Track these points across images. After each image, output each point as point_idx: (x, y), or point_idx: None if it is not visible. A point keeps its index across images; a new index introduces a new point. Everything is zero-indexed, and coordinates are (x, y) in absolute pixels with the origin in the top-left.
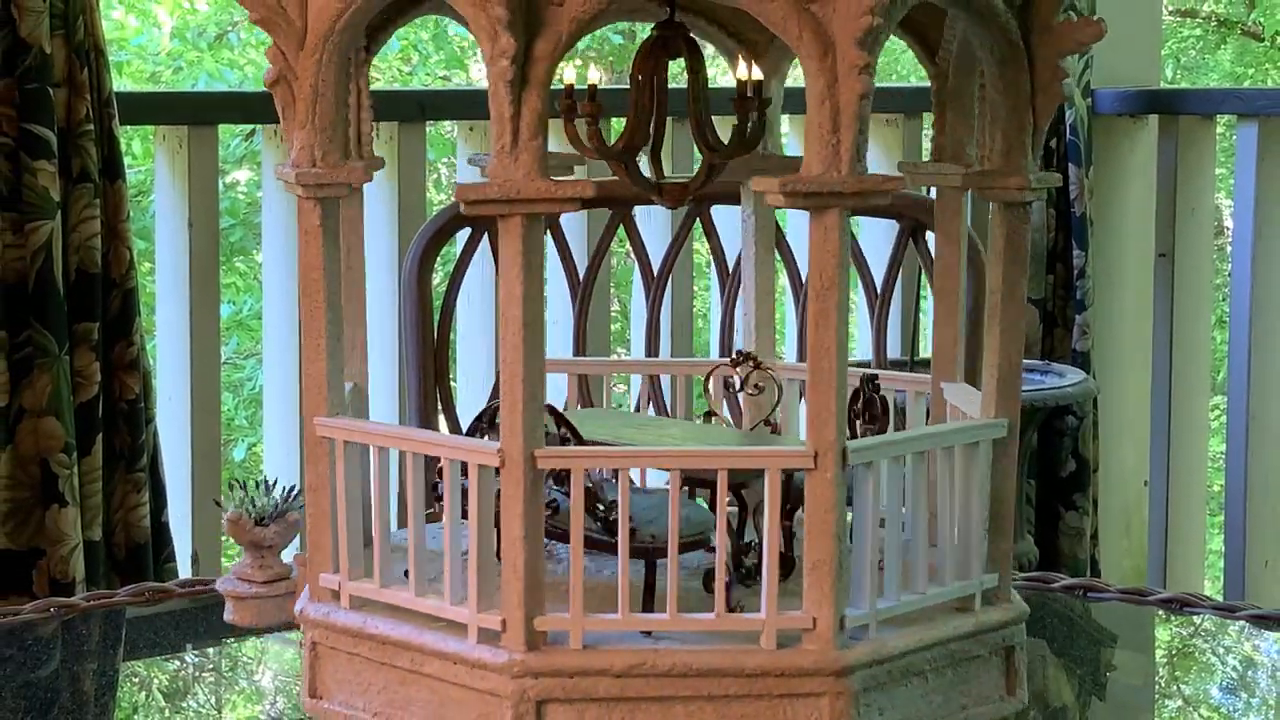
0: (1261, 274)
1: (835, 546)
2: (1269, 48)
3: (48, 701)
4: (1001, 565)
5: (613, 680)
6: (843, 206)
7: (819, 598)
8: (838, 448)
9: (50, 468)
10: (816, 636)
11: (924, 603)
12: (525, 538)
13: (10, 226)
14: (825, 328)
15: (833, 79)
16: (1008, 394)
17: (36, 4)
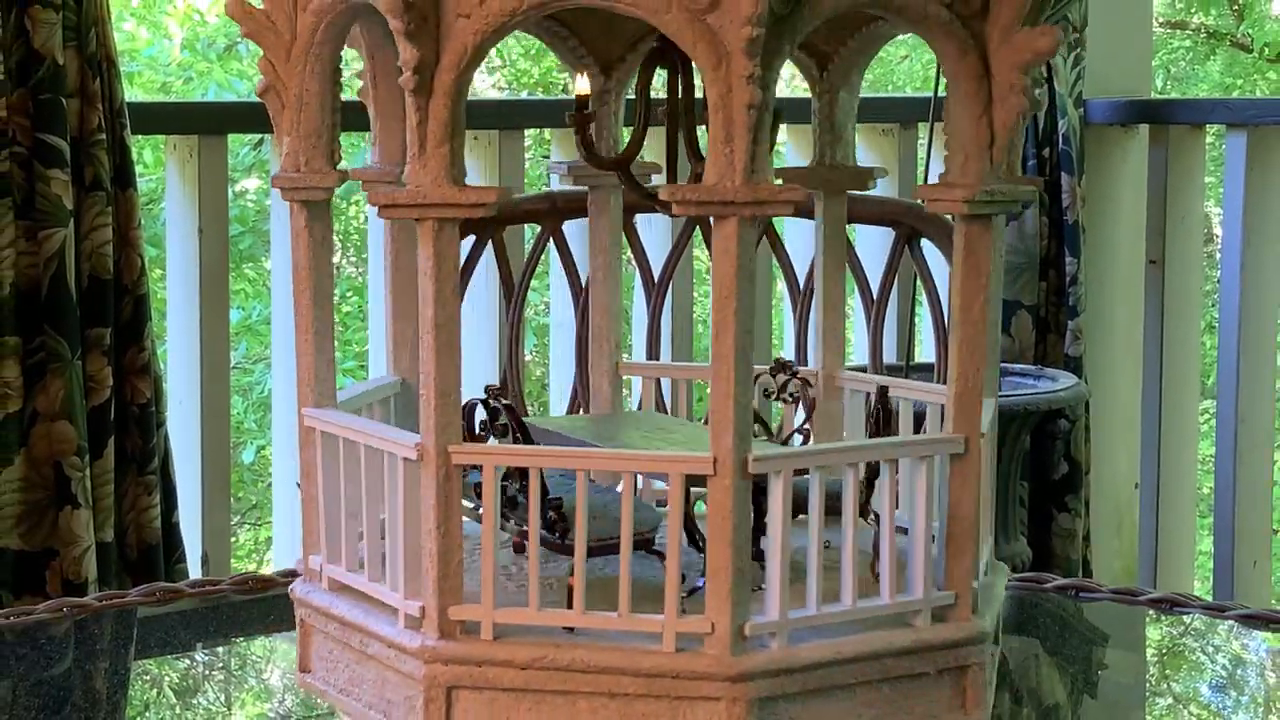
0: (1250, 280)
1: (733, 554)
2: (1257, 59)
3: (61, 699)
4: (960, 583)
5: (518, 671)
6: (739, 215)
7: (718, 604)
8: (736, 456)
9: (63, 470)
10: (715, 641)
11: (852, 615)
12: (438, 528)
13: (24, 234)
14: (724, 336)
15: (725, 89)
16: (966, 410)
17: (50, 16)
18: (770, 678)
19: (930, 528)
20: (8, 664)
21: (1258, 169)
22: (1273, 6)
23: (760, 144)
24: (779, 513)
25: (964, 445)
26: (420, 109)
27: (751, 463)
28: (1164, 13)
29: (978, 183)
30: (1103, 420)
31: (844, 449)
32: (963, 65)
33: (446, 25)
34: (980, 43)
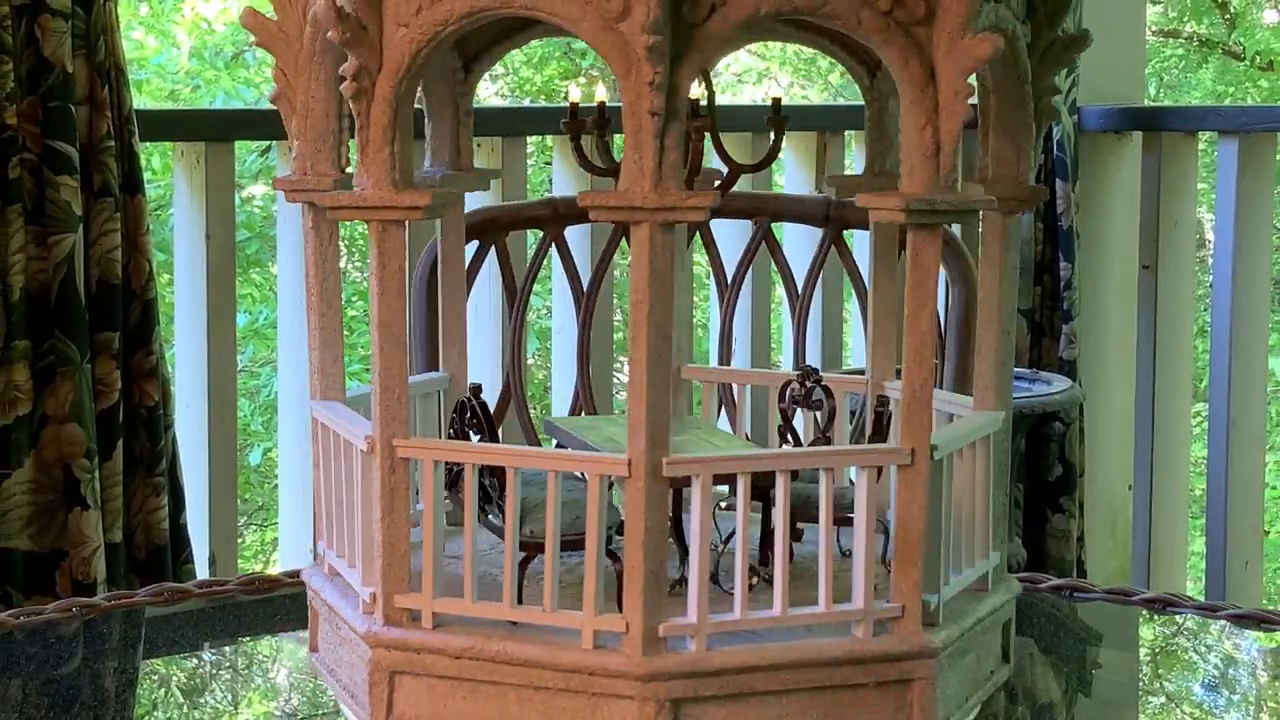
0: (1241, 285)
1: (645, 555)
2: (1248, 67)
3: (70, 698)
4: (907, 595)
5: (452, 660)
6: (650, 221)
7: (631, 604)
8: (649, 460)
9: (73, 472)
10: (630, 641)
11: (783, 623)
12: (384, 518)
13: (34, 239)
14: (639, 340)
15: (635, 96)
16: (914, 421)
17: (59, 25)
18: (684, 679)
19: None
20: (18, 663)
21: (1249, 175)
22: (1264, 16)
23: (669, 150)
24: (698, 516)
25: (910, 457)
26: (361, 115)
27: (666, 466)
28: (1156, 21)
29: (922, 191)
30: (1097, 423)
31: (773, 455)
32: (905, 72)
33: (388, 35)
34: (925, 50)
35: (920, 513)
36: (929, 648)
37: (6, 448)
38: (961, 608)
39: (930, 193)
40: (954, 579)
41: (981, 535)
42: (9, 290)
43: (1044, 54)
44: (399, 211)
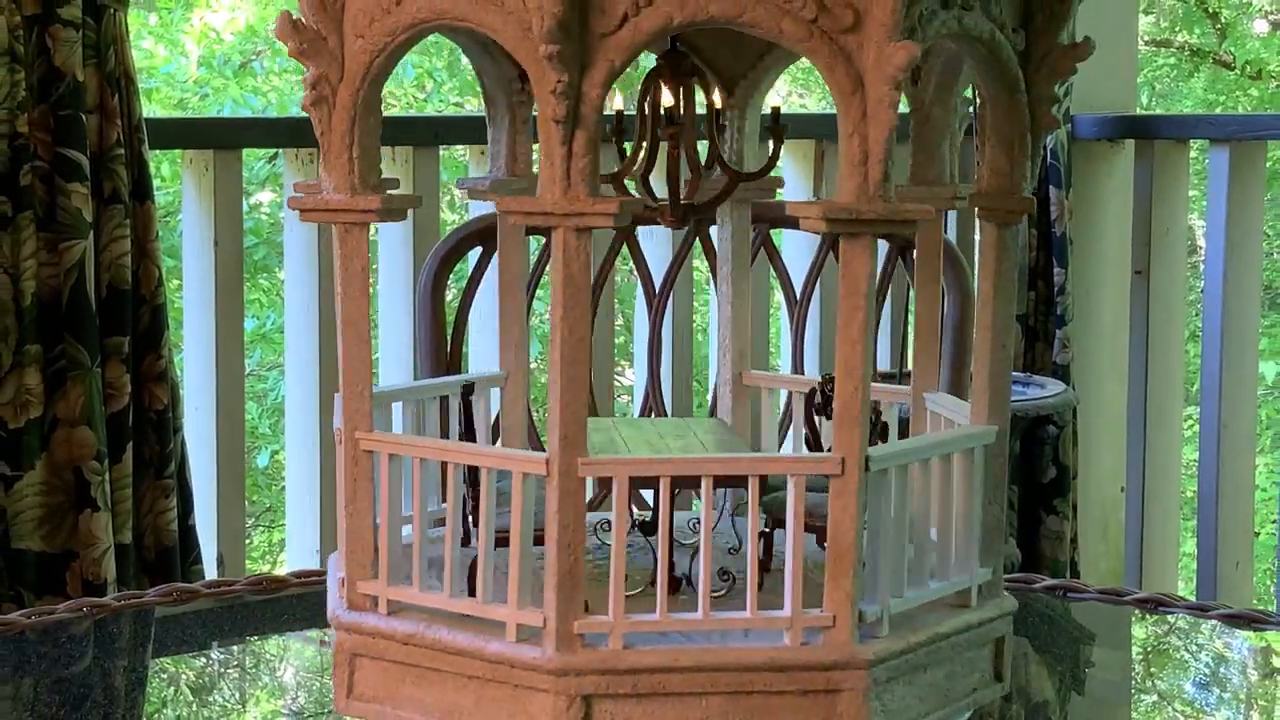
0: (1232, 291)
1: (559, 553)
2: (1239, 76)
3: (81, 697)
4: (838, 605)
5: (400, 646)
6: (562, 226)
7: (549, 600)
8: (563, 460)
9: (83, 474)
10: (547, 636)
11: (702, 626)
12: (348, 507)
13: (45, 245)
14: (555, 343)
15: (543, 104)
16: (846, 431)
17: (70, 35)
18: (598, 676)
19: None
20: (30, 662)
21: (1239, 183)
22: (1254, 26)
23: (578, 157)
24: (619, 517)
25: (840, 466)
26: (322, 122)
27: (581, 466)
28: (1149, 31)
29: (850, 200)
30: (1090, 426)
31: (696, 460)
32: (832, 80)
33: (347, 46)
34: (852, 58)
35: (851, 523)
36: (858, 659)
37: (18, 450)
38: (923, 621)
39: (856, 202)
40: (913, 592)
41: (962, 548)
42: (21, 295)
43: (1041, 63)
44: (354, 214)
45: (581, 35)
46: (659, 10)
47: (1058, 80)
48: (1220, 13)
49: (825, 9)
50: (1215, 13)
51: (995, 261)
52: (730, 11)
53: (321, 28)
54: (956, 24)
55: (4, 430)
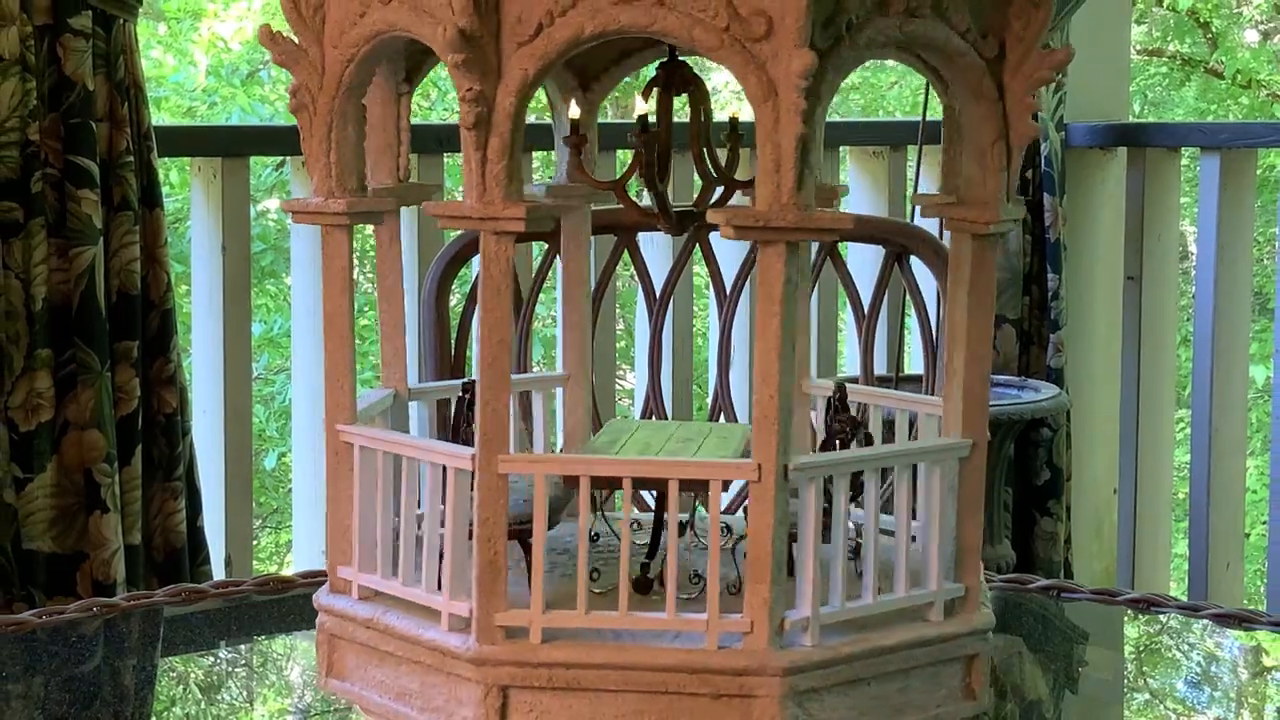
0: (1223, 296)
1: (481, 548)
2: (1230, 85)
3: (91, 695)
4: (756, 610)
5: (364, 629)
6: (482, 231)
7: (474, 592)
8: (484, 457)
9: (93, 477)
10: (475, 626)
11: (622, 624)
12: (329, 494)
13: (56, 251)
14: (481, 346)
15: (461, 111)
16: (764, 439)
17: (80, 44)
18: (515, 667)
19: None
20: (41, 661)
21: (1230, 190)
22: (1244, 36)
23: (491, 162)
24: (539, 512)
25: (758, 473)
26: (304, 128)
27: (500, 463)
28: (1141, 41)
29: (763, 208)
30: (1083, 429)
31: (613, 461)
32: (747, 88)
33: (326, 56)
34: (765, 66)
35: (768, 529)
36: (772, 665)
37: (30, 453)
38: (869, 632)
39: (769, 210)
40: (854, 603)
41: (925, 562)
42: (32, 300)
43: (1018, 70)
44: (328, 216)
45: (496, 45)
46: (571, 21)
47: (1035, 88)
48: (1211, 23)
49: (738, 17)
50: (1206, 23)
51: (970, 273)
52: (641, 21)
53: (302, 39)
54: (898, 31)
55: (15, 433)
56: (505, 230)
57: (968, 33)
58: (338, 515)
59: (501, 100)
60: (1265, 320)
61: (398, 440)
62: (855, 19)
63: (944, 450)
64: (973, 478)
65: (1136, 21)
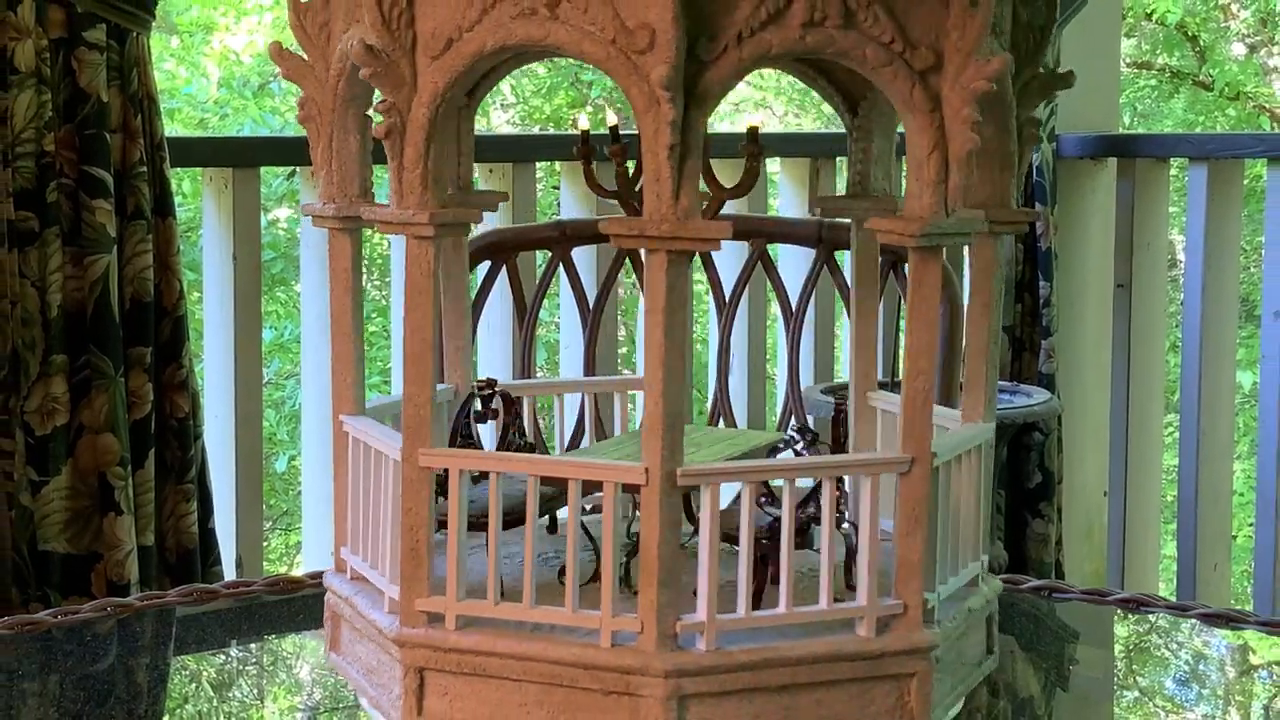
0: (1210, 303)
1: (403, 536)
2: (1217, 97)
3: (105, 693)
4: (646, 612)
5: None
6: (405, 235)
7: (401, 580)
8: (407, 450)
9: (107, 479)
10: (401, 611)
11: (526, 617)
12: (335, 480)
13: (71, 259)
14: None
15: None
16: (651, 443)
17: (95, 57)
18: (430, 651)
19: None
20: (56, 660)
21: (1218, 199)
22: (1232, 49)
23: (407, 170)
24: (454, 503)
25: (645, 477)
26: (315, 139)
27: (421, 457)
28: (1131, 54)
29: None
30: (1074, 433)
31: (525, 460)
32: (631, 98)
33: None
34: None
35: (654, 533)
36: (655, 667)
37: (45, 456)
38: (778, 643)
39: (648, 219)
40: (764, 612)
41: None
42: (47, 307)
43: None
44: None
45: (411, 59)
46: (476, 36)
47: (973, 98)
48: (1199, 36)
49: (624, 30)
50: (1195, 36)
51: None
52: (535, 34)
53: (309, 54)
54: (799, 42)
55: (31, 437)
56: (421, 235)
57: (893, 43)
58: (341, 500)
59: (415, 111)
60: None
61: (368, 431)
62: (747, 31)
63: (873, 464)
64: (913, 494)
65: (1126, 35)
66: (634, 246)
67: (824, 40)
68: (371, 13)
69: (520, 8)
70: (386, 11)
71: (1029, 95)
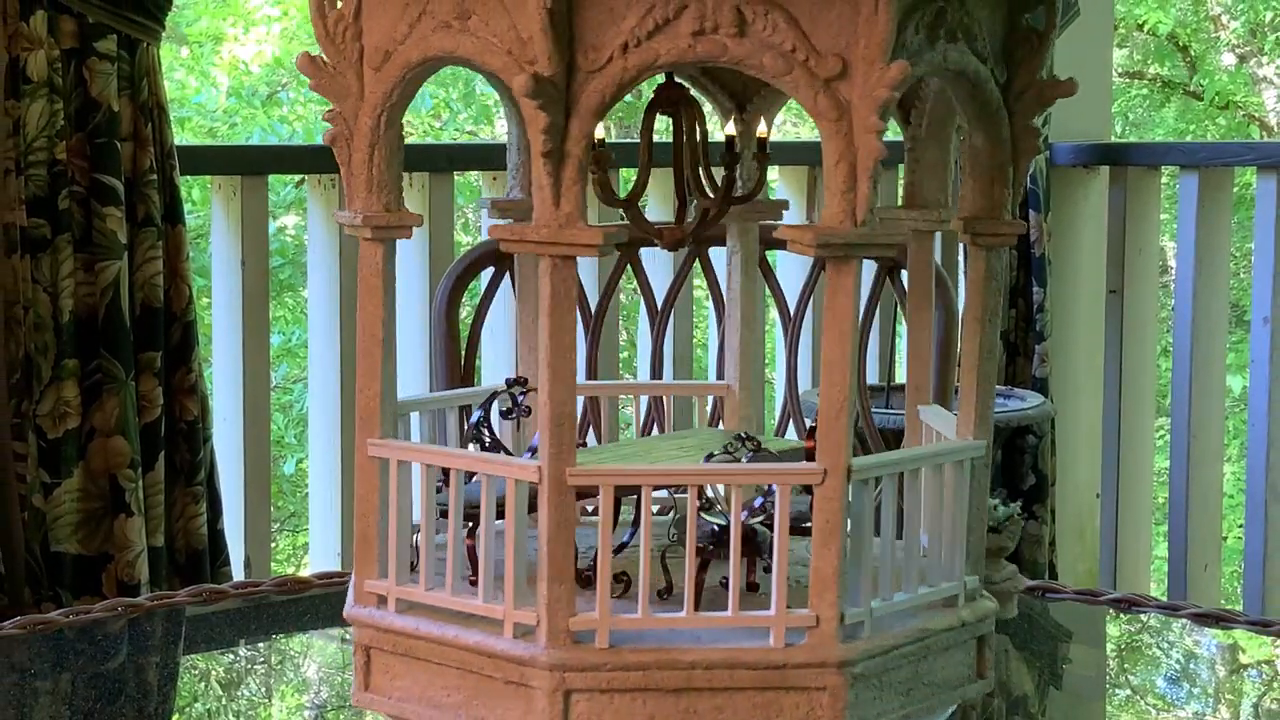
0: (1201, 308)
1: (357, 522)
2: (1208, 106)
3: (116, 691)
4: (540, 610)
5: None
6: (359, 236)
7: (356, 563)
8: (359, 439)
9: (118, 481)
10: (358, 594)
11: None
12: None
13: (82, 266)
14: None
15: None
16: (544, 442)
17: (106, 67)
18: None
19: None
20: (68, 658)
21: (1208, 206)
22: (1222, 60)
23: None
24: (393, 494)
25: (538, 474)
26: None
27: (369, 447)
28: (1123, 64)
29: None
30: (1067, 436)
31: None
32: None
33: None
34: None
35: (546, 531)
36: (539, 660)
37: (57, 459)
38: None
39: (534, 226)
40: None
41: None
42: (59, 313)
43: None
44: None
45: (358, 71)
46: (404, 50)
47: (877, 107)
48: (1190, 47)
49: (519, 40)
50: (1185, 46)
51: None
52: (448, 46)
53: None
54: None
55: (43, 440)
56: (378, 238)
57: (794, 51)
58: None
59: (360, 120)
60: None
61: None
62: (634, 40)
63: (785, 475)
64: (826, 506)
65: (1118, 45)
66: (514, 250)
67: (716, 49)
68: (317, 28)
69: (437, 21)
70: (331, 27)
71: (1026, 104)
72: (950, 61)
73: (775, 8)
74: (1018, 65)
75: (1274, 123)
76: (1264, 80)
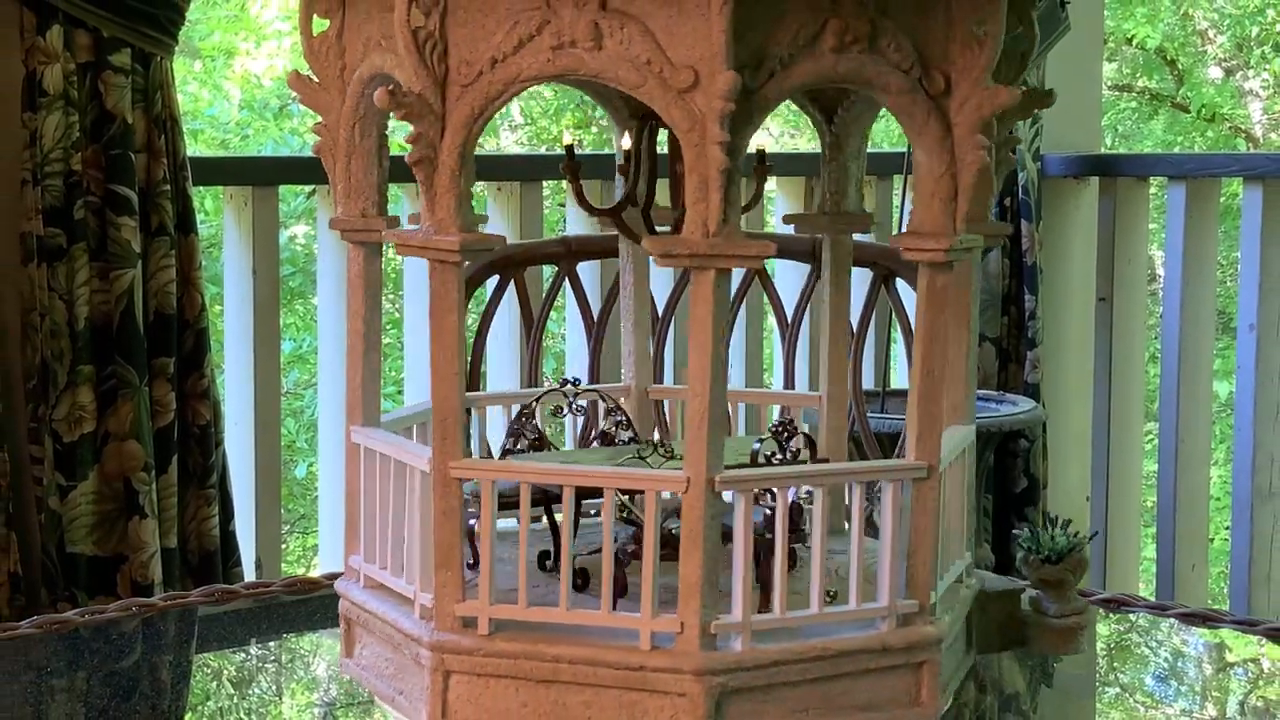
0: (1189, 316)
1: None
2: (1195, 118)
3: (130, 689)
4: (437, 601)
5: None
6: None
7: None
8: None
9: (132, 484)
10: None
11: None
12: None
13: (97, 274)
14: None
15: None
16: (436, 442)
17: (120, 80)
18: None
19: None
20: (83, 657)
21: (1195, 216)
22: (1209, 73)
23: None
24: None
25: (428, 469)
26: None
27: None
28: (1112, 77)
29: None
30: (1058, 440)
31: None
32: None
33: None
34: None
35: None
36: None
37: (73, 462)
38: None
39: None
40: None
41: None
42: (75, 320)
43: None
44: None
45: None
46: (370, 63)
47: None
48: (1178, 60)
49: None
50: (1173, 60)
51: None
52: (378, 64)
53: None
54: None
55: (59, 444)
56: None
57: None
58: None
59: (340, 131)
60: (1228, 339)
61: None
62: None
63: (650, 480)
64: (690, 515)
65: (1107, 59)
66: (412, 254)
67: (574, 62)
68: (304, 48)
69: (373, 42)
70: (316, 46)
71: (1009, 113)
72: (843, 71)
73: (631, 21)
74: (960, 74)
75: (1260, 134)
76: (1250, 93)
